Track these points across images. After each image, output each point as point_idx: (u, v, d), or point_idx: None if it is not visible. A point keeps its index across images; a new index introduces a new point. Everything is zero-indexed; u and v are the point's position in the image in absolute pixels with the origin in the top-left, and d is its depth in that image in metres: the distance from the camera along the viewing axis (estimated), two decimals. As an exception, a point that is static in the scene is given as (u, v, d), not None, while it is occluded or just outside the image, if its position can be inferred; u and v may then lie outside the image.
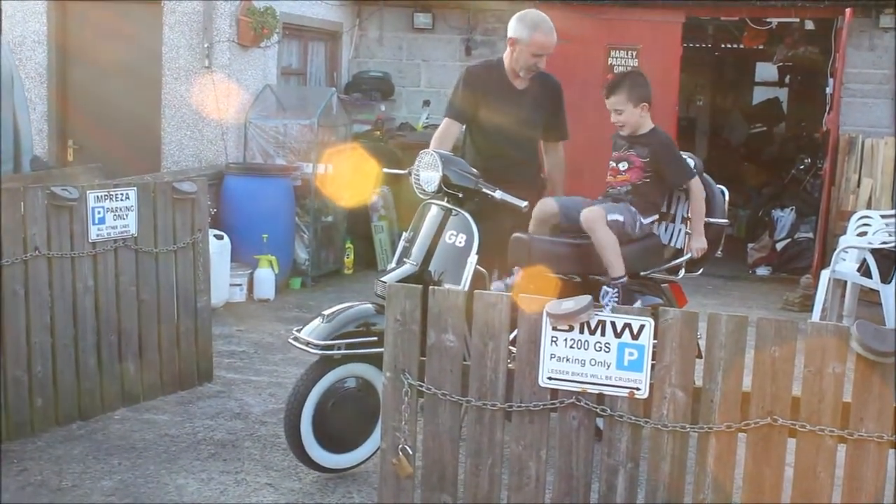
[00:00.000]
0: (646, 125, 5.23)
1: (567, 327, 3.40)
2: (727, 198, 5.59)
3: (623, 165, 5.25)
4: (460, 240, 4.72)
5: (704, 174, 5.50)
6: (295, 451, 4.64)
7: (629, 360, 3.37)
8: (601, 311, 3.40)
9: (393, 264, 4.99)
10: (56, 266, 5.17)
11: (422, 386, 3.57)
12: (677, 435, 3.36)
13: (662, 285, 5.39)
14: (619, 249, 4.93)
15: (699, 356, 3.48)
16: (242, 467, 4.84)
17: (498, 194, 4.72)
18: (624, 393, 3.38)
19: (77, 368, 5.30)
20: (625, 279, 4.89)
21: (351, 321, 4.62)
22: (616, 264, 4.90)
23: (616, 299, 4.79)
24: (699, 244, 5.22)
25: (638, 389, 3.37)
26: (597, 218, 4.96)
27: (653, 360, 3.37)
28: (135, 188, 5.59)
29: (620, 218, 5.03)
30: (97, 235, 5.36)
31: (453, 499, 3.61)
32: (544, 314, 3.41)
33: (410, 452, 3.59)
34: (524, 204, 4.71)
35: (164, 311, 5.77)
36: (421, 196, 4.91)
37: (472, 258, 4.65)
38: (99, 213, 5.36)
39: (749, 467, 3.34)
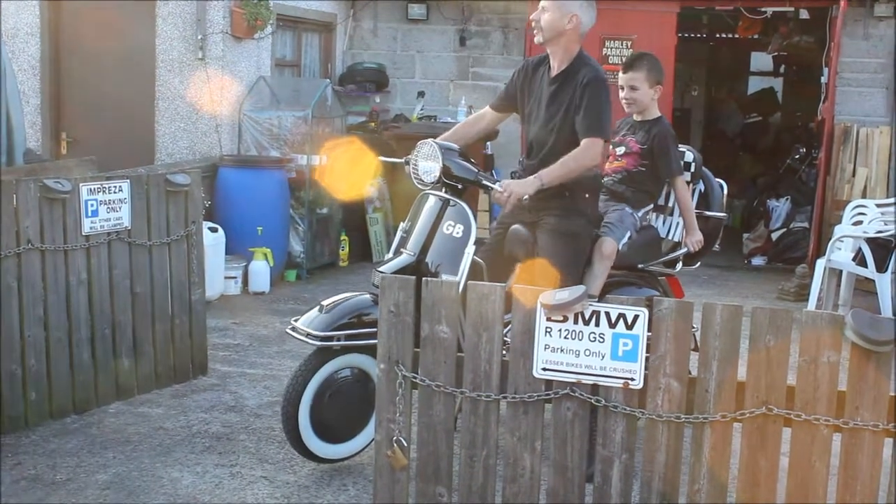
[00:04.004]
0: (654, 111, 5.25)
1: (561, 318, 3.39)
2: (726, 191, 5.58)
3: (620, 150, 5.25)
4: (458, 231, 4.69)
5: (703, 168, 5.50)
6: (291, 441, 4.63)
7: (624, 350, 3.36)
8: (595, 302, 3.39)
9: (390, 254, 4.97)
10: (49, 259, 5.15)
11: (416, 377, 3.56)
12: (672, 425, 3.35)
13: (660, 278, 5.38)
14: (603, 282, 4.93)
15: (695, 349, 3.47)
16: (237, 460, 4.83)
17: (498, 186, 4.69)
18: (618, 383, 3.37)
19: (71, 362, 5.29)
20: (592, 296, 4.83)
21: (349, 312, 4.61)
22: (597, 286, 4.86)
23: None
24: (694, 238, 5.23)
25: (632, 380, 3.36)
26: (610, 254, 4.91)
27: (647, 350, 3.36)
28: (128, 180, 5.56)
29: (628, 234, 5.05)
30: (90, 228, 5.34)
31: (448, 490, 3.60)
32: (538, 304, 3.40)
33: (405, 444, 3.58)
34: (525, 196, 4.66)
35: (158, 305, 5.75)
36: (419, 186, 4.88)
37: (470, 249, 4.63)
38: (92, 205, 5.34)
39: (744, 457, 3.33)
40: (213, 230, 7.87)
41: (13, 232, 4.98)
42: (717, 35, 15.07)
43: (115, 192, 5.45)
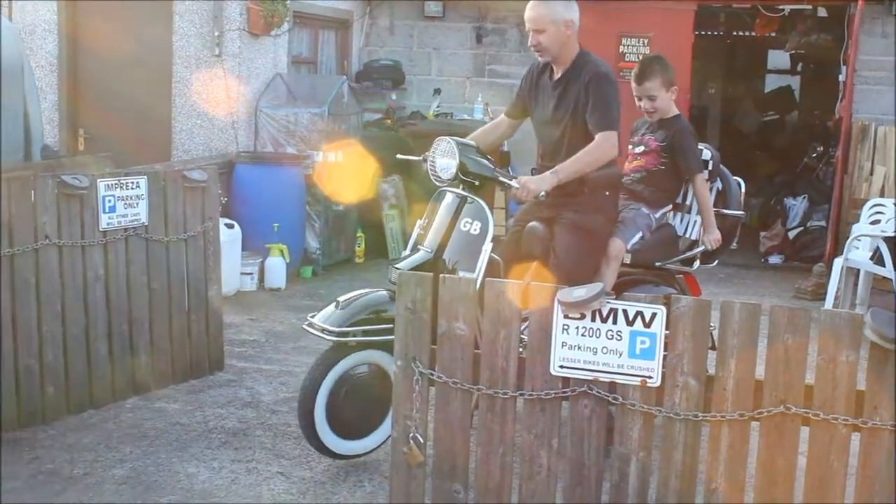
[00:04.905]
0: (672, 110, 5.22)
1: (579, 315, 3.39)
2: (743, 189, 5.56)
3: (639, 149, 5.24)
4: (475, 227, 4.69)
5: (721, 166, 5.48)
6: (307, 436, 4.64)
7: (641, 348, 3.35)
8: (613, 299, 3.38)
9: (407, 251, 4.97)
10: (67, 255, 5.16)
11: (433, 374, 3.56)
12: (689, 423, 3.34)
13: (677, 276, 5.36)
14: (612, 282, 4.91)
15: (713, 347, 3.46)
16: (253, 456, 4.84)
17: (514, 183, 4.68)
18: (636, 381, 3.37)
19: (88, 357, 5.30)
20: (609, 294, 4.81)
21: (366, 308, 4.62)
22: (609, 283, 4.83)
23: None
24: (712, 236, 5.21)
25: (650, 378, 3.35)
26: (617, 255, 4.90)
27: (665, 348, 3.35)
28: (145, 177, 5.58)
29: (639, 234, 5.02)
30: (108, 224, 5.35)
31: (464, 488, 3.60)
32: (556, 302, 3.40)
33: (421, 441, 3.59)
34: (542, 193, 4.64)
35: (174, 300, 5.76)
36: (436, 183, 4.88)
37: (487, 246, 4.62)
38: (109, 201, 5.36)
39: (762, 456, 3.32)
40: (230, 226, 7.89)
41: (31, 227, 5.00)
42: (735, 33, 15.00)
43: (132, 189, 5.47)
